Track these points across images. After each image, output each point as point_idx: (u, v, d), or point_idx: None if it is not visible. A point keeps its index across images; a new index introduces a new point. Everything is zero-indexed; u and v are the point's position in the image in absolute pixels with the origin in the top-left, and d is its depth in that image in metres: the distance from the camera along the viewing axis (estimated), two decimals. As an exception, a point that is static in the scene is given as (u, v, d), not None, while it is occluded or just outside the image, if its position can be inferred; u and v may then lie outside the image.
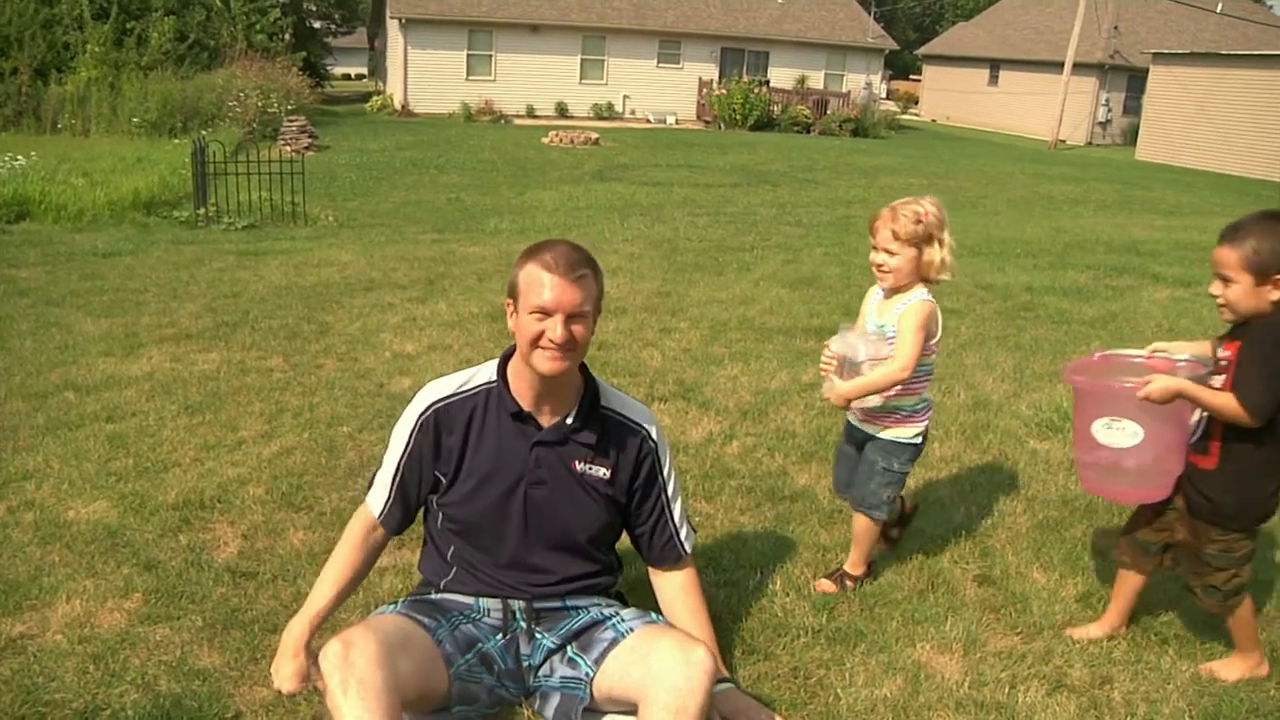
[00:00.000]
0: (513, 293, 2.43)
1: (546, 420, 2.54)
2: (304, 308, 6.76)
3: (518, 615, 2.56)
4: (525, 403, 2.52)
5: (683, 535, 2.74)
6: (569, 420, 2.53)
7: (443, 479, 2.56)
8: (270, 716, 2.56)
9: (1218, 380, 2.69)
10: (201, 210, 10.50)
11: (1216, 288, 2.70)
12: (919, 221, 3.03)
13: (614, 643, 2.43)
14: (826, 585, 3.33)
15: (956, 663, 2.95)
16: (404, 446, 2.57)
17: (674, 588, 2.74)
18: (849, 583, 3.34)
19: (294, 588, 3.18)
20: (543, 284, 2.34)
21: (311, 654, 2.35)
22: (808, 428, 4.85)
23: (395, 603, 2.62)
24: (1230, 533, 2.80)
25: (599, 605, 2.61)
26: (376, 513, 2.61)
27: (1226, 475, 2.73)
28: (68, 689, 2.64)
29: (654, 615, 2.60)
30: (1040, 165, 24.25)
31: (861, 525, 3.32)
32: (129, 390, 5.02)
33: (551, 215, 12.10)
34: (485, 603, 2.57)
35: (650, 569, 2.78)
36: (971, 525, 3.88)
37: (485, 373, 2.59)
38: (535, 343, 2.37)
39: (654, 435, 2.66)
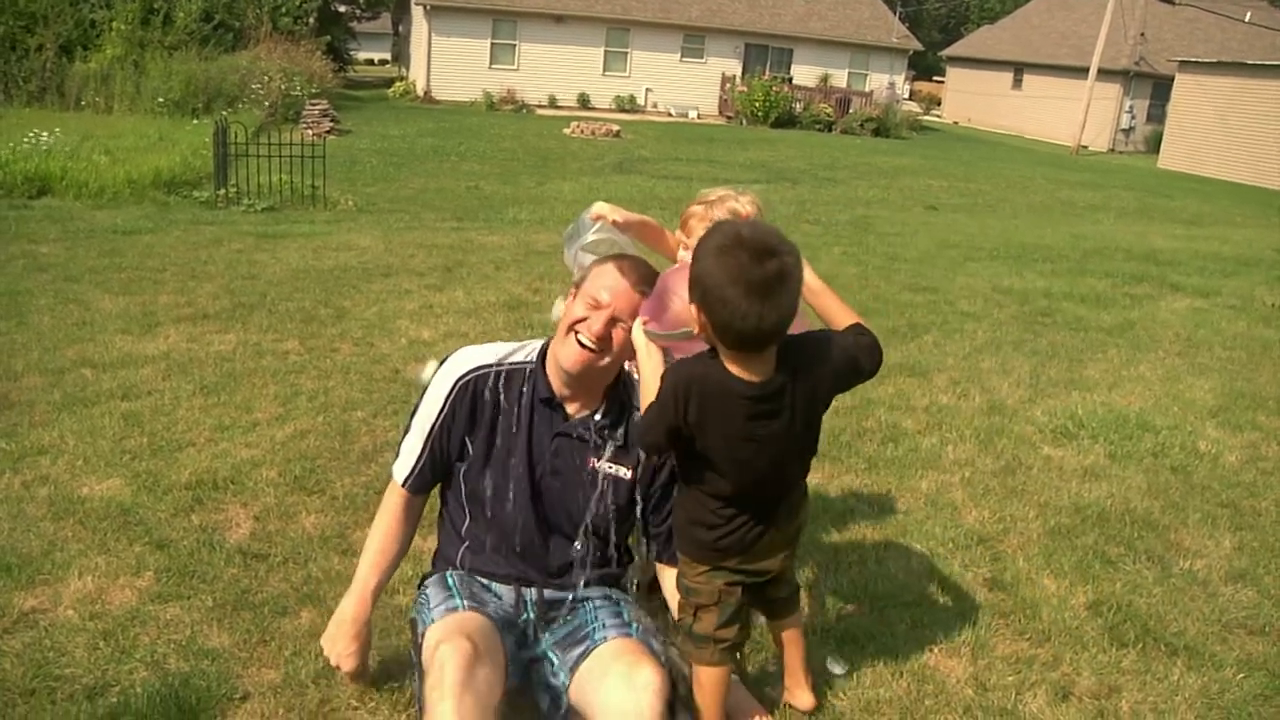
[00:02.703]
0: (580, 281, 2.49)
1: (575, 411, 2.54)
2: (321, 291, 6.78)
3: (529, 606, 2.56)
4: (557, 390, 2.52)
5: None
6: (596, 416, 2.53)
7: (470, 447, 2.55)
8: (279, 699, 2.57)
9: None
10: (222, 191, 10.53)
11: None
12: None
13: (586, 653, 2.41)
14: None
15: (964, 667, 2.94)
16: (439, 409, 2.55)
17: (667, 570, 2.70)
18: None
19: (304, 571, 3.19)
20: (610, 281, 2.41)
21: (371, 630, 2.42)
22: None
23: (450, 580, 2.55)
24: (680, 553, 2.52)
25: (598, 601, 2.59)
26: (402, 479, 2.61)
27: None
28: (77, 664, 2.66)
29: (632, 628, 2.48)
30: (1061, 171, 24.12)
31: None
32: (145, 369, 5.04)
33: (571, 206, 12.09)
34: (499, 588, 2.57)
35: (656, 565, 2.76)
36: (983, 529, 3.87)
37: (525, 352, 2.59)
38: (573, 327, 2.41)
39: None
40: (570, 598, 2.59)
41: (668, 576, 2.65)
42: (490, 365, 2.56)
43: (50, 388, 4.69)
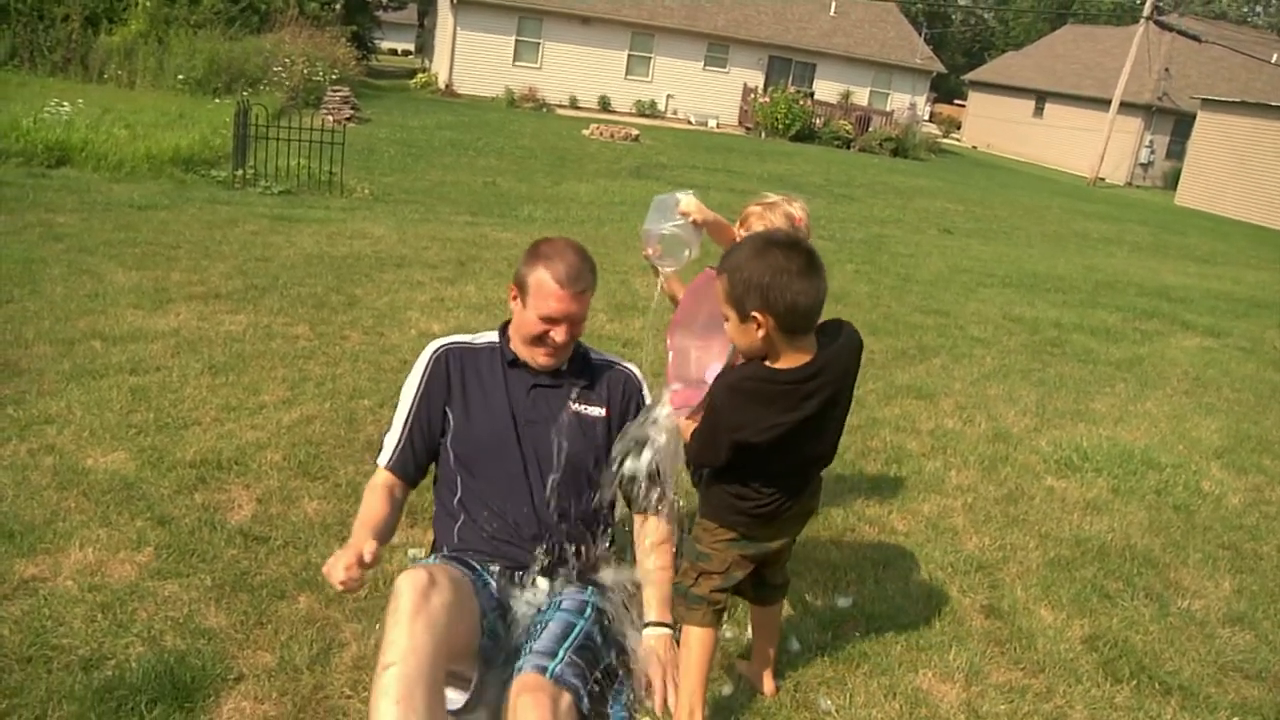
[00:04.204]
0: (521, 288, 2.60)
1: (540, 371, 2.69)
2: (334, 278, 6.79)
3: (515, 580, 2.58)
4: (522, 356, 2.68)
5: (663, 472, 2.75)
6: (563, 368, 2.69)
7: (451, 415, 2.67)
8: (273, 682, 2.58)
9: None
10: (239, 172, 10.55)
11: None
12: (794, 226, 3.00)
13: (516, 670, 2.37)
14: None
15: (957, 692, 2.94)
16: (418, 383, 2.71)
17: (651, 540, 2.70)
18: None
19: (304, 556, 3.20)
20: (552, 296, 2.54)
21: (365, 565, 2.30)
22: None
23: (435, 559, 2.59)
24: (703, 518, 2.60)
25: (564, 604, 2.55)
26: (385, 461, 2.67)
27: None
28: (75, 635, 2.66)
29: (556, 658, 2.38)
30: (1078, 201, 24.11)
31: None
32: (155, 344, 5.05)
33: (586, 208, 12.11)
34: (492, 568, 2.58)
35: (635, 515, 2.77)
36: (982, 556, 3.86)
37: (487, 335, 2.78)
38: (538, 340, 2.58)
39: (637, 375, 2.81)
40: (547, 589, 2.58)
41: (646, 530, 2.69)
42: (457, 342, 2.76)
43: (60, 357, 4.70)
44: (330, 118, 16.81)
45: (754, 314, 2.24)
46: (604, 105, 31.77)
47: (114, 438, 3.91)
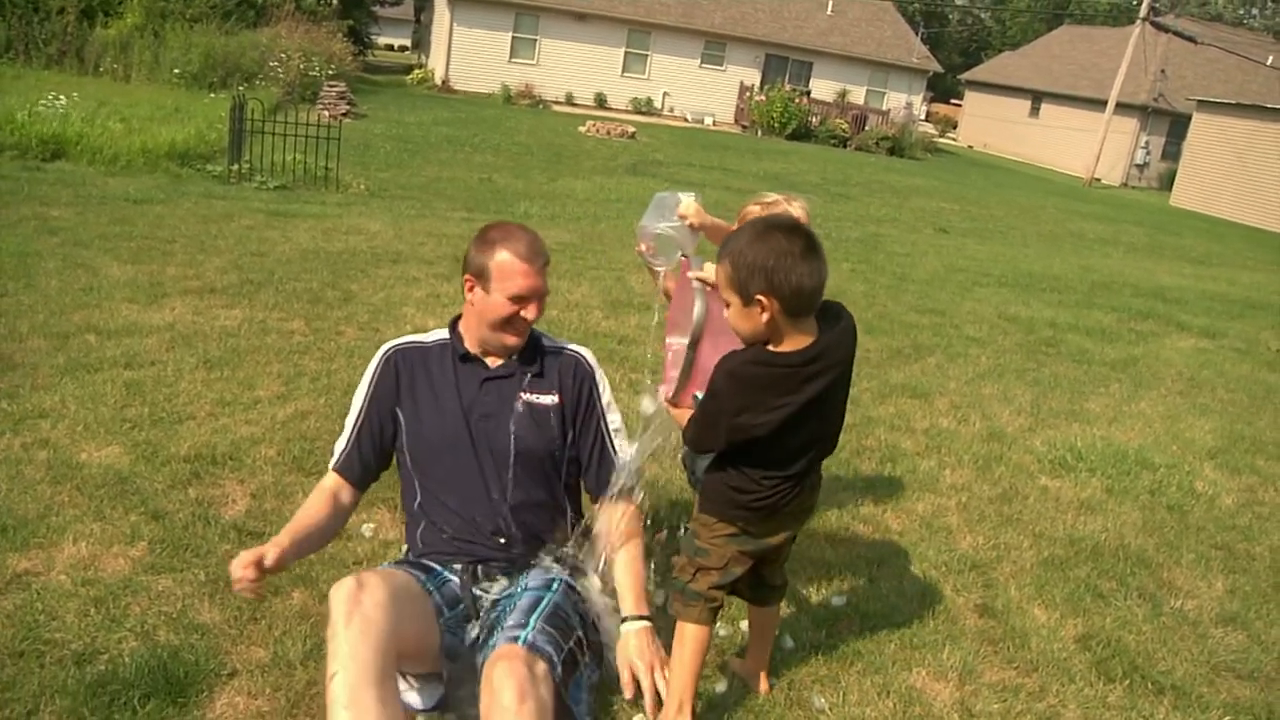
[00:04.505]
0: (481, 276, 2.57)
1: (494, 363, 2.69)
2: (329, 273, 6.78)
3: (479, 576, 2.60)
4: (474, 350, 2.69)
5: (617, 451, 2.78)
6: (514, 358, 2.69)
7: (402, 416, 2.69)
8: (266, 677, 2.57)
9: None
10: (235, 166, 10.54)
11: None
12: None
13: (484, 658, 2.40)
14: (663, 536, 3.46)
15: (950, 691, 2.94)
16: (368, 385, 2.73)
17: (622, 530, 2.71)
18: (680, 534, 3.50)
19: (298, 551, 3.19)
20: (519, 274, 2.54)
21: (264, 569, 2.34)
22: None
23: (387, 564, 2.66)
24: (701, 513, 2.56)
25: (531, 585, 2.58)
26: (333, 463, 2.71)
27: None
28: (68, 629, 2.66)
29: (527, 628, 2.40)
30: (1073, 202, 24.14)
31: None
32: (149, 339, 5.04)
33: (582, 204, 12.10)
34: (455, 566, 2.60)
35: (596, 505, 2.78)
36: (976, 555, 3.86)
37: (438, 333, 2.78)
38: (509, 321, 2.58)
39: (589, 360, 2.80)
40: (509, 583, 2.60)
41: (604, 515, 2.70)
42: (406, 343, 2.77)
43: (54, 351, 4.69)
44: (326, 113, 16.79)
45: (758, 297, 2.23)
46: (600, 102, 31.75)
47: (108, 432, 3.91)
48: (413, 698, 2.42)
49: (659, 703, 2.47)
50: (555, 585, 2.58)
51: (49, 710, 2.37)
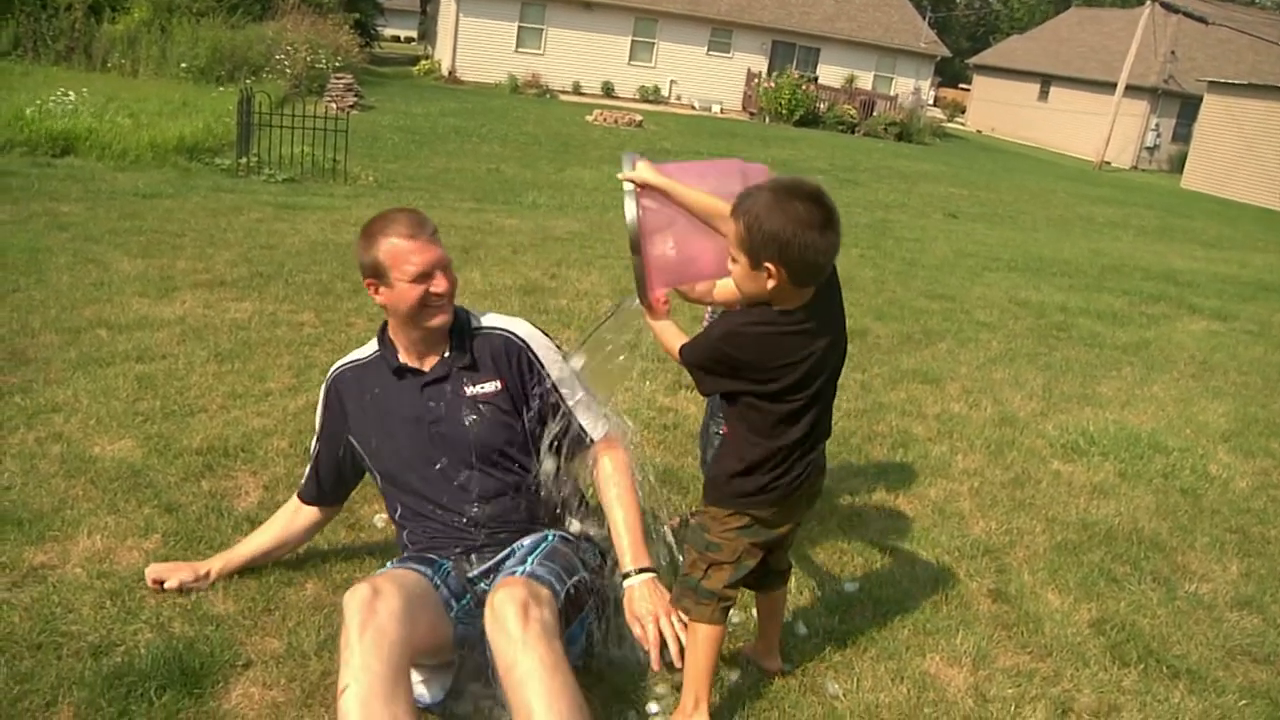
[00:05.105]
0: (376, 272, 2.54)
1: (430, 365, 2.66)
2: (338, 265, 6.78)
3: (472, 562, 2.61)
4: (408, 360, 2.67)
5: (584, 423, 2.72)
6: (446, 354, 2.65)
7: (357, 443, 2.74)
8: (281, 668, 2.58)
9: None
10: (243, 160, 10.55)
11: None
12: None
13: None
14: (676, 523, 3.45)
15: (964, 676, 2.94)
16: (318, 421, 2.85)
17: (600, 477, 2.71)
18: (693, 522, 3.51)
19: (311, 543, 3.19)
20: (411, 252, 2.49)
21: (195, 576, 2.84)
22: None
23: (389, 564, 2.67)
24: (709, 505, 2.51)
25: (525, 546, 2.60)
26: (299, 489, 2.92)
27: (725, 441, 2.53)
28: (84, 622, 2.67)
29: (526, 564, 2.47)
30: (1083, 185, 24.03)
31: None
32: (160, 332, 5.06)
33: (590, 194, 12.09)
34: (445, 565, 2.61)
35: (587, 456, 2.76)
36: (989, 540, 3.85)
37: (371, 345, 2.78)
38: (424, 304, 2.53)
39: (520, 333, 2.72)
40: (506, 552, 2.61)
41: (600, 460, 2.70)
42: (344, 365, 2.81)
43: (66, 346, 4.71)
44: (334, 105, 16.78)
45: (767, 264, 2.18)
46: (607, 91, 31.71)
47: (121, 425, 3.92)
48: (420, 690, 2.44)
49: (681, 648, 2.46)
50: (550, 537, 2.61)
51: (67, 701, 2.38)
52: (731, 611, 2.58)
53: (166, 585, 2.82)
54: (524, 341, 2.70)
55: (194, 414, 4.13)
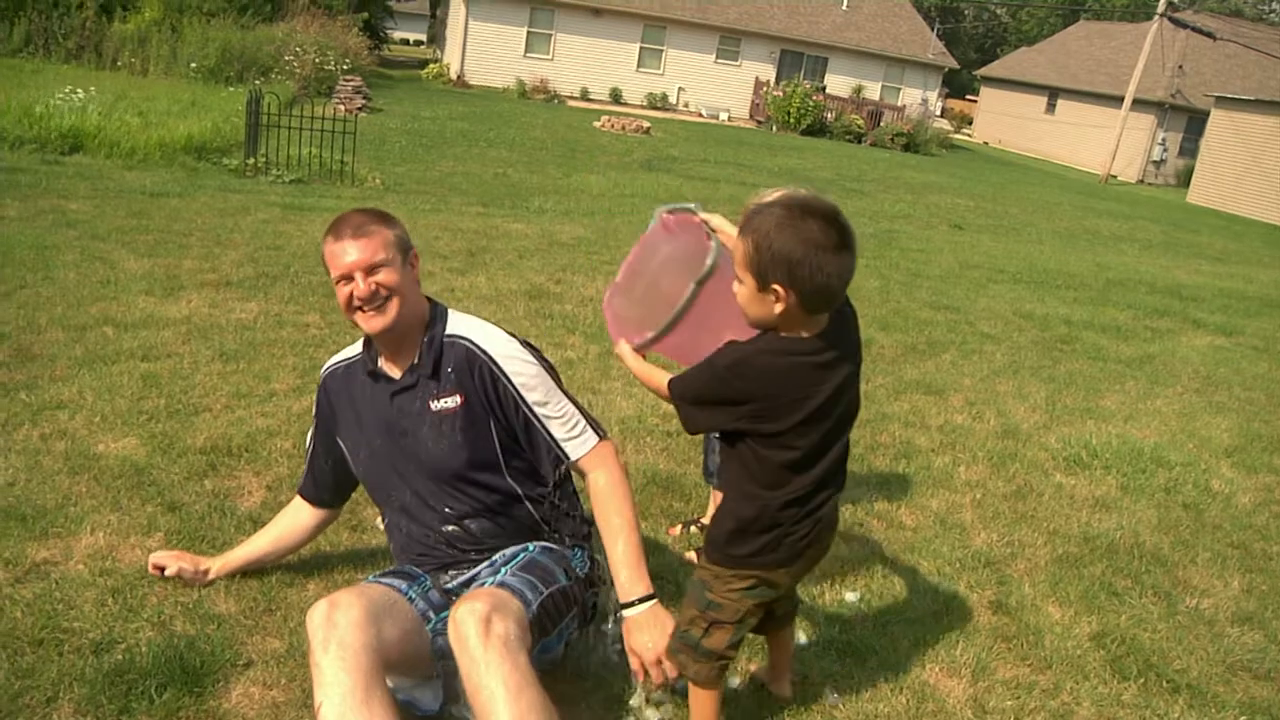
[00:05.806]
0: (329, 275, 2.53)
1: (400, 370, 2.61)
2: (344, 267, 6.78)
3: (451, 577, 2.60)
4: (385, 364, 2.64)
5: (559, 438, 2.55)
6: (414, 362, 2.58)
7: (343, 444, 2.75)
8: (281, 668, 2.59)
9: None
10: (251, 160, 10.58)
11: None
12: None
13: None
14: (677, 530, 3.66)
15: (964, 687, 2.94)
16: (313, 420, 2.86)
17: (595, 501, 2.54)
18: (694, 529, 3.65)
19: (313, 545, 3.20)
20: (334, 254, 2.47)
21: (195, 569, 2.87)
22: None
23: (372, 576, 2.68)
24: (710, 564, 2.35)
25: (497, 559, 2.57)
26: (298, 486, 2.94)
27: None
28: (86, 619, 2.68)
29: (498, 575, 2.44)
30: (1089, 198, 24.03)
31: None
32: (166, 331, 5.07)
33: (596, 199, 12.11)
34: (425, 579, 2.60)
35: (577, 468, 2.63)
36: (991, 552, 3.85)
37: (357, 345, 2.77)
38: (349, 307, 2.50)
39: (481, 343, 2.56)
40: (486, 564, 2.59)
41: (591, 480, 2.55)
42: (333, 365, 2.79)
43: (72, 343, 4.72)
44: (342, 107, 16.83)
45: (775, 287, 2.04)
46: (615, 97, 31.76)
47: (125, 423, 3.93)
48: (416, 696, 2.44)
49: (670, 690, 2.45)
50: (530, 548, 2.58)
51: (68, 698, 2.39)
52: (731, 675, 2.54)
53: (166, 571, 2.86)
54: (485, 353, 2.54)
55: (198, 413, 4.14)
